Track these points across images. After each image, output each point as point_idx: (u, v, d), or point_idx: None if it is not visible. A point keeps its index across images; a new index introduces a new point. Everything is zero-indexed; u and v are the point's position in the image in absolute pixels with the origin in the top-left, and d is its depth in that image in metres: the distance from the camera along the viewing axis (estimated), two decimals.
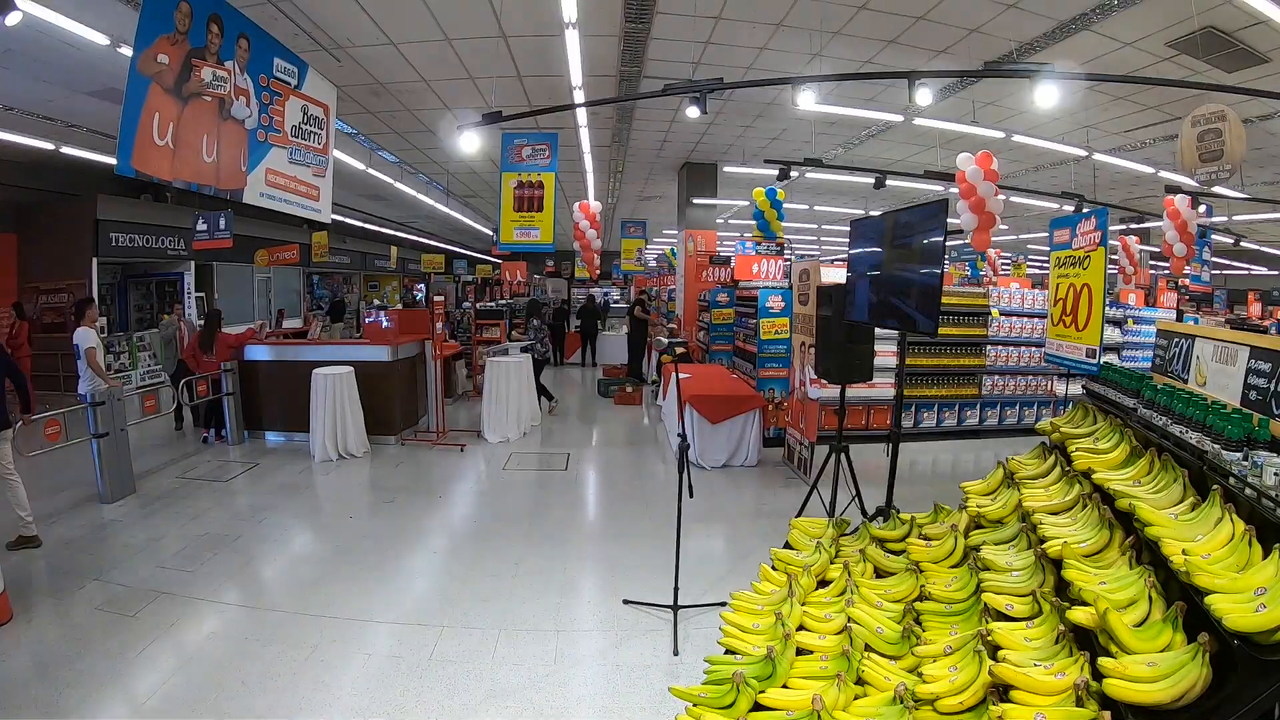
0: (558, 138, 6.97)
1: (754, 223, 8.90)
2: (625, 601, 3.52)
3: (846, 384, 4.41)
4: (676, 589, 3.28)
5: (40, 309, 10.11)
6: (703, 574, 3.81)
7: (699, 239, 12.02)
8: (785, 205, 9.20)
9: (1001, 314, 7.82)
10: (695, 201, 12.00)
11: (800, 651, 2.10)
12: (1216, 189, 8.25)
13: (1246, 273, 20.78)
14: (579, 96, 6.76)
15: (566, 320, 15.66)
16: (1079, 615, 1.74)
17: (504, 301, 13.89)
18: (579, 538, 4.56)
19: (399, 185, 12.78)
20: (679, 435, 3.34)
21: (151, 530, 4.50)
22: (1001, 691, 1.71)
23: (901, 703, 1.78)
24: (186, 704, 2.65)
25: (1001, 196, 6.29)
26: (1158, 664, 1.53)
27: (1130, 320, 8.59)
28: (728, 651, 2.21)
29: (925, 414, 7.53)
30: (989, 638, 1.88)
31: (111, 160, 4.20)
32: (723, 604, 2.82)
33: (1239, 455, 1.89)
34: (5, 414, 4.15)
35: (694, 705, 1.94)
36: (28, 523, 4.20)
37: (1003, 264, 15.57)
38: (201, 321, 7.97)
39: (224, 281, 13.28)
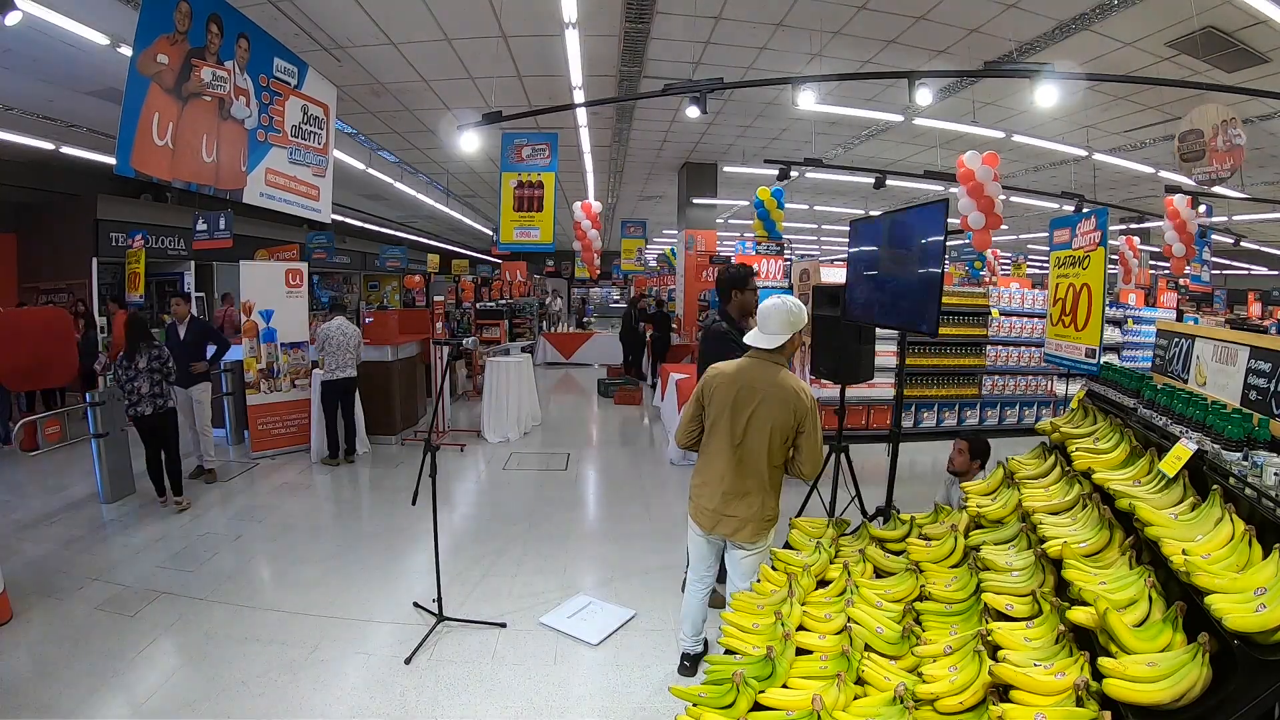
0: (558, 138, 6.97)
1: (753, 222, 8.90)
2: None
3: (846, 384, 4.41)
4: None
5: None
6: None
7: (699, 239, 12.02)
8: (785, 205, 9.20)
9: (1001, 314, 7.81)
10: (695, 201, 12.00)
11: (800, 651, 2.09)
12: (1216, 189, 8.26)
13: (1246, 273, 20.78)
14: (579, 96, 6.76)
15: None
16: (1079, 615, 1.74)
17: (504, 301, 13.89)
18: (579, 538, 4.56)
19: (399, 185, 12.78)
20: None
21: (151, 530, 4.50)
22: (1001, 691, 1.71)
23: (901, 703, 1.77)
24: (186, 704, 2.65)
25: (1002, 196, 6.30)
26: (1158, 664, 1.52)
27: (1130, 320, 8.59)
28: (727, 651, 2.21)
29: (925, 414, 7.52)
30: (989, 638, 1.88)
31: (111, 160, 4.20)
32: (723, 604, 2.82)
33: (1239, 455, 1.89)
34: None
35: (694, 705, 1.94)
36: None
37: (1002, 264, 15.57)
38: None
39: (224, 281, 13.27)
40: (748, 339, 2.59)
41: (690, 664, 2.88)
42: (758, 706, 1.90)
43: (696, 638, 2.89)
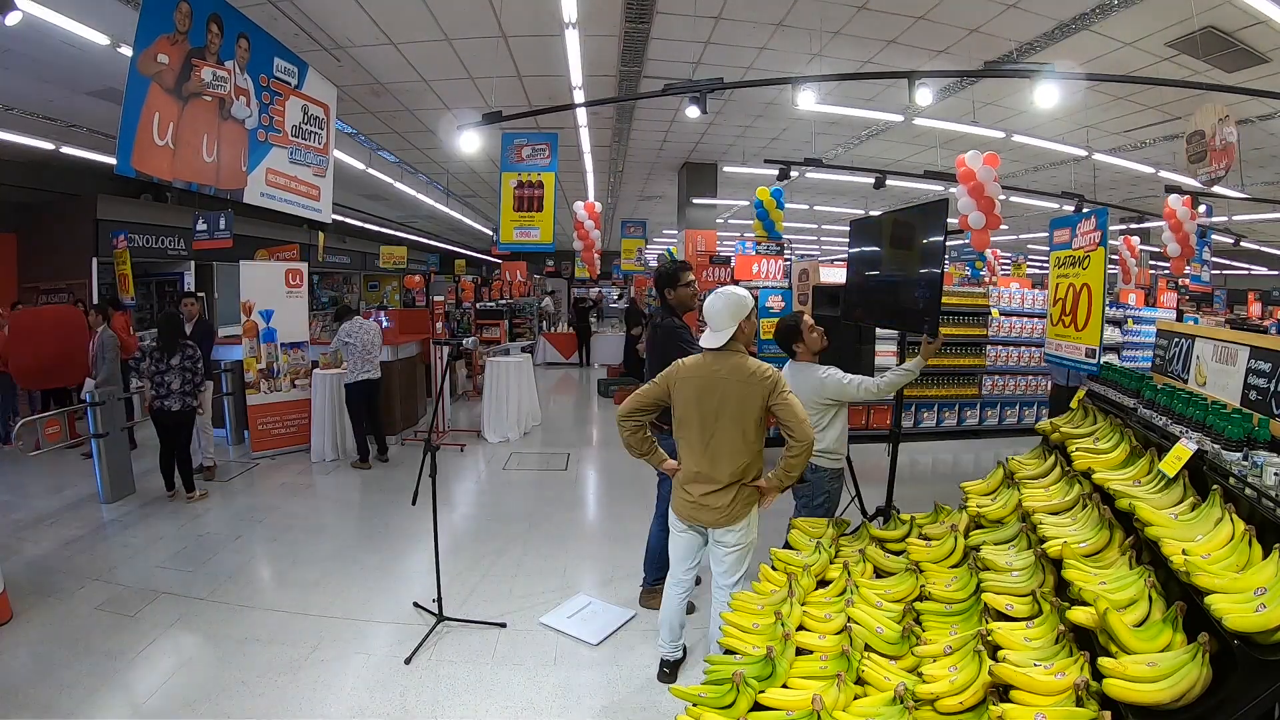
0: (558, 138, 6.97)
1: (753, 222, 8.88)
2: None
3: None
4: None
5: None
6: (703, 574, 3.81)
7: (699, 239, 12.01)
8: (785, 205, 9.19)
9: (1001, 314, 7.81)
10: (695, 201, 12.00)
11: (800, 651, 2.10)
12: (1216, 189, 8.25)
13: (1246, 273, 20.76)
14: (579, 96, 6.76)
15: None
16: (1079, 615, 1.74)
17: (504, 301, 13.89)
18: (579, 538, 4.56)
19: (399, 185, 12.78)
20: None
21: (151, 530, 4.50)
22: (1001, 691, 1.71)
23: (901, 703, 1.78)
24: (186, 704, 2.65)
25: (1002, 196, 6.29)
26: (1158, 664, 1.53)
27: (1130, 320, 8.59)
28: (727, 651, 2.21)
29: (925, 414, 7.53)
30: (989, 638, 1.88)
31: (111, 160, 4.21)
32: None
33: (1239, 455, 1.89)
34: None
35: (694, 705, 1.94)
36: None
37: (1002, 264, 15.56)
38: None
39: (224, 281, 13.26)
40: (701, 342, 2.60)
41: (670, 670, 2.83)
42: (758, 706, 1.90)
43: (675, 644, 2.84)
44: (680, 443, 2.62)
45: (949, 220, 3.58)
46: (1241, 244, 13.42)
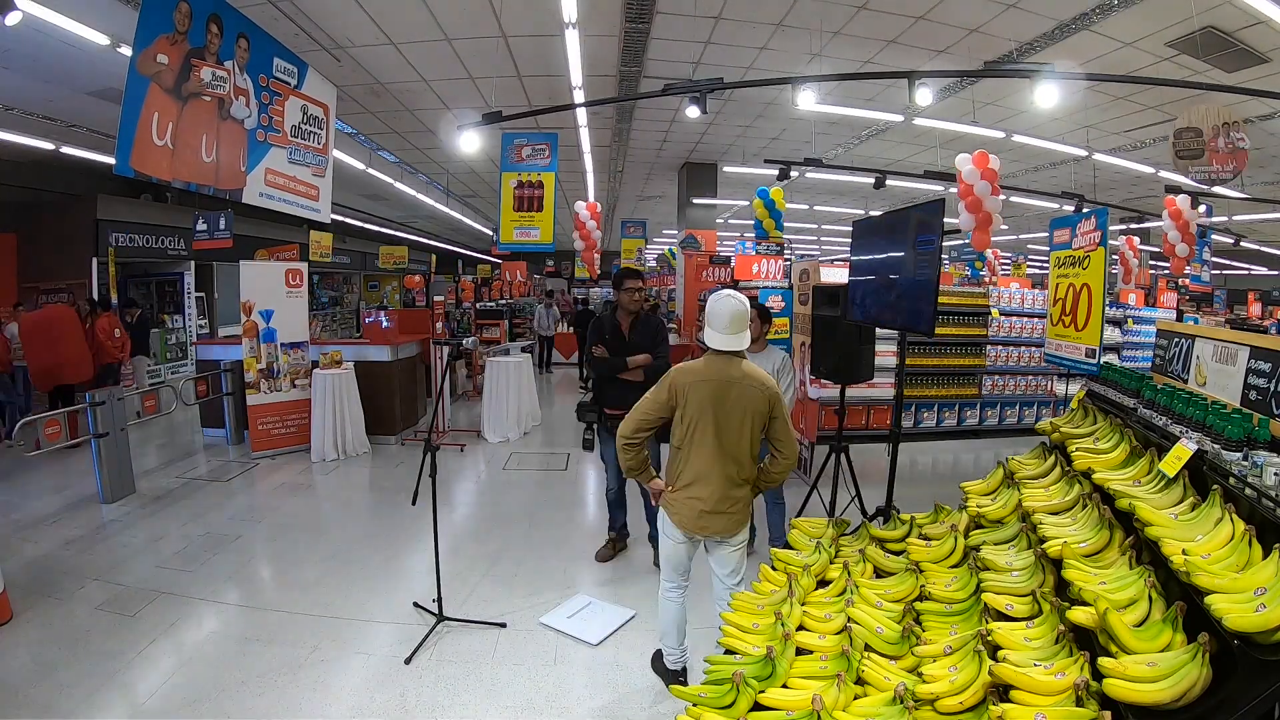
0: (558, 138, 6.98)
1: (756, 203, 8.79)
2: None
3: (846, 384, 4.40)
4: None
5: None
6: (702, 574, 3.81)
7: (699, 239, 12.02)
8: (785, 205, 9.16)
9: (1001, 314, 7.80)
10: (695, 201, 12.01)
11: (800, 651, 2.10)
12: (1216, 189, 8.25)
13: (1246, 273, 20.77)
14: (579, 96, 6.76)
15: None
16: (1079, 615, 1.74)
17: (504, 301, 13.88)
18: (579, 538, 4.56)
19: (399, 185, 12.79)
20: None
21: (151, 530, 4.50)
22: (1001, 691, 1.71)
23: (901, 703, 1.77)
24: (186, 704, 2.65)
25: (1001, 196, 6.29)
26: (1158, 664, 1.52)
27: (1130, 320, 8.58)
28: (727, 651, 2.21)
29: (925, 414, 7.52)
30: (989, 638, 1.88)
31: (111, 160, 4.20)
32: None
33: (1239, 455, 1.89)
34: None
35: (694, 705, 1.94)
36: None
37: (1002, 264, 15.55)
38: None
39: (224, 281, 13.27)
40: (713, 343, 2.51)
41: (684, 680, 2.75)
42: (758, 706, 1.90)
43: (684, 645, 2.79)
44: (690, 450, 2.52)
45: (949, 219, 3.58)
46: (1241, 244, 13.43)
